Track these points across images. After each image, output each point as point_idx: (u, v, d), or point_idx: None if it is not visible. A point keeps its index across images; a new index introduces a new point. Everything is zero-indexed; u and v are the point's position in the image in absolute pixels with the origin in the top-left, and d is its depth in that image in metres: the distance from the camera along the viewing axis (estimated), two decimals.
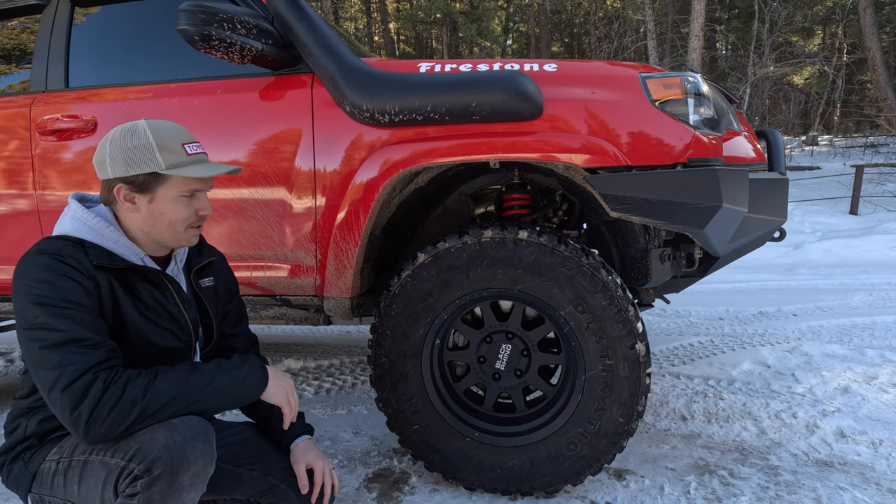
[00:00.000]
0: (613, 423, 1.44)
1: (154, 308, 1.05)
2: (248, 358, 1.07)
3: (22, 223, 1.89)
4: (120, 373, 0.90)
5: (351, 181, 1.54)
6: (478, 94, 1.43)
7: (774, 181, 1.65)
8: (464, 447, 1.55)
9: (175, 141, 1.02)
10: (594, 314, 1.42)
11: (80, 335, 0.89)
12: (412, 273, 1.52)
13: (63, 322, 0.89)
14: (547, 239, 1.44)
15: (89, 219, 1.01)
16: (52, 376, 0.86)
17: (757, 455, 1.73)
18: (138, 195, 1.01)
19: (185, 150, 1.03)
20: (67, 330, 0.89)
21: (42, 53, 1.96)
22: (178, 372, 0.95)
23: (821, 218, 7.55)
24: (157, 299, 1.06)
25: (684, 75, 1.45)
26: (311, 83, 1.63)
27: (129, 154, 0.99)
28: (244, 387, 1.02)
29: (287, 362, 2.93)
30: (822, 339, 2.98)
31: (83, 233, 1.00)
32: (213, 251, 1.26)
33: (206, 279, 1.21)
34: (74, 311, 0.91)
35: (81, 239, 0.99)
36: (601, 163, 1.40)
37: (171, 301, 1.08)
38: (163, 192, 1.01)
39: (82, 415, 0.85)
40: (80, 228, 1.01)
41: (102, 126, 1.78)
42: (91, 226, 1.01)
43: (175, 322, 1.08)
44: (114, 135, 1.01)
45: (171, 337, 1.07)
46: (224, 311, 1.25)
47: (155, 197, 1.02)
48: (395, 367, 1.56)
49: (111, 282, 0.99)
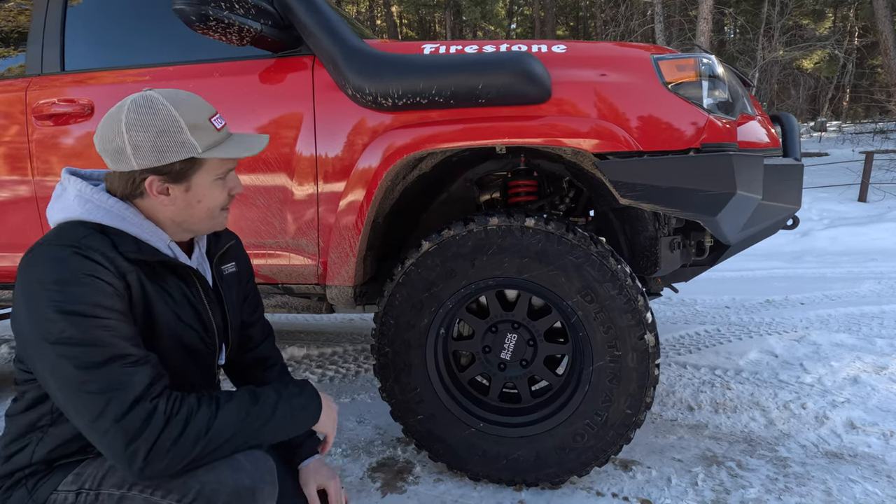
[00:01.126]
0: (621, 415, 1.42)
1: (182, 305, 0.93)
2: (305, 386, 0.99)
3: (20, 209, 1.86)
4: (179, 401, 0.79)
5: (353, 167, 1.50)
6: (484, 76, 1.38)
7: (789, 167, 1.60)
8: (468, 437, 1.53)
9: (202, 116, 0.88)
10: (602, 304, 1.38)
11: (122, 351, 0.77)
12: (416, 261, 1.49)
13: (100, 335, 0.76)
14: (554, 227, 1.40)
15: (104, 199, 0.86)
16: (97, 404, 0.74)
17: (765, 446, 1.71)
18: (173, 185, 0.87)
19: (213, 125, 0.89)
20: (107, 345, 0.76)
21: (37, 35, 1.91)
22: (240, 402, 0.85)
23: (829, 205, 7.46)
24: (186, 295, 0.94)
25: (698, 56, 1.40)
26: (311, 65, 1.58)
27: (157, 139, 0.83)
28: (302, 418, 0.95)
29: (290, 350, 2.92)
30: (831, 328, 2.95)
31: (100, 216, 0.85)
32: (230, 234, 1.15)
33: (229, 265, 1.11)
34: (111, 320, 0.78)
35: (101, 224, 0.85)
36: (611, 148, 1.35)
37: (198, 299, 0.97)
38: (199, 177, 0.89)
39: (139, 451, 0.74)
40: (94, 211, 0.85)
41: (99, 110, 1.74)
42: (108, 208, 0.85)
43: (201, 322, 0.97)
44: (128, 116, 0.83)
45: (197, 339, 0.96)
46: (243, 295, 1.17)
47: (191, 185, 0.89)
48: (399, 356, 1.53)
49: (140, 277, 0.85)
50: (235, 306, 1.10)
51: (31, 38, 1.91)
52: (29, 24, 1.93)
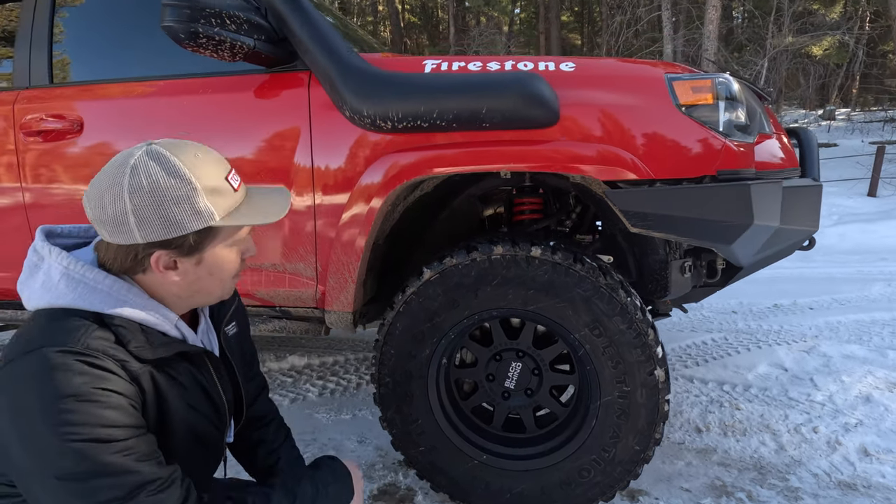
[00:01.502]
0: (629, 451, 1.37)
1: (194, 392, 0.83)
2: (335, 468, 0.95)
3: (11, 227, 1.81)
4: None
5: (351, 192, 1.44)
6: (488, 99, 1.30)
7: (808, 189, 1.53)
8: (471, 470, 1.49)
9: (219, 176, 0.75)
10: (611, 338, 1.33)
11: (148, 476, 0.67)
12: (417, 290, 1.43)
13: (120, 462, 0.65)
14: (562, 257, 1.34)
15: (100, 279, 0.73)
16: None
17: (776, 474, 1.66)
18: (183, 259, 0.76)
19: (230, 185, 0.77)
20: (130, 472, 0.65)
21: (24, 45, 1.84)
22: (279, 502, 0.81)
23: (837, 200, 7.34)
24: (197, 380, 0.84)
25: (715, 77, 1.32)
26: (307, 81, 1.51)
27: (167, 209, 0.71)
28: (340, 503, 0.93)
29: (291, 359, 2.88)
30: (841, 338, 2.89)
31: (97, 302, 0.71)
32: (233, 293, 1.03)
33: (230, 325, 1.00)
34: (130, 440, 0.67)
35: (98, 313, 0.71)
36: (623, 176, 1.28)
37: (210, 381, 0.87)
38: (213, 247, 0.77)
39: None
40: (89, 296, 0.71)
41: (89, 127, 1.68)
42: (107, 291, 0.72)
43: (212, 406, 0.87)
44: (132, 181, 0.70)
45: (208, 424, 0.86)
46: (246, 352, 1.09)
47: (204, 256, 0.77)
48: (400, 387, 1.49)
49: (153, 376, 0.74)
50: (244, 373, 1.02)
51: (18, 47, 1.84)
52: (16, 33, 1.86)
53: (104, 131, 1.67)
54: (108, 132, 1.67)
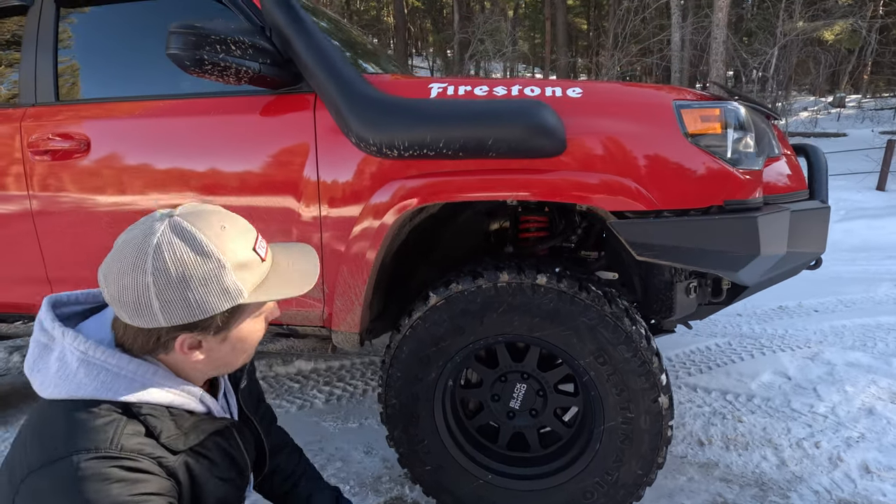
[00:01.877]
0: (632, 475, 1.40)
1: (223, 465, 0.82)
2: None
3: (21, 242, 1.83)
4: None
5: (358, 218, 1.45)
6: (494, 129, 1.30)
7: (815, 213, 1.52)
8: (476, 489, 1.52)
9: (246, 247, 0.71)
10: (616, 366, 1.34)
11: None
12: (423, 316, 1.45)
13: None
14: (567, 285, 1.35)
15: (123, 364, 0.69)
16: None
17: (777, 491, 1.69)
18: (209, 338, 0.72)
19: (258, 255, 0.73)
20: None
21: (29, 61, 1.84)
22: None
23: (845, 194, 7.27)
24: (224, 450, 0.83)
25: (724, 106, 1.31)
26: (313, 104, 1.51)
27: (194, 292, 0.66)
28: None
29: (298, 364, 2.92)
30: (845, 344, 2.89)
31: (121, 391, 0.67)
32: None
33: (243, 377, 0.98)
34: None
35: (126, 403, 0.67)
36: (629, 206, 1.28)
37: (236, 448, 0.86)
38: (245, 324, 0.74)
39: None
40: (112, 384, 0.67)
41: (96, 146, 1.69)
42: (128, 375, 0.68)
43: (237, 470, 0.87)
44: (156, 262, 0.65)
45: (233, 489, 0.85)
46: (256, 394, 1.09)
47: (230, 334, 0.74)
48: (406, 408, 1.51)
49: (188, 464, 0.73)
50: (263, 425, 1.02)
51: (24, 64, 1.84)
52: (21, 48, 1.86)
53: (112, 150, 1.68)
54: (116, 151, 1.68)
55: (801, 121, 14.09)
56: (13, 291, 1.90)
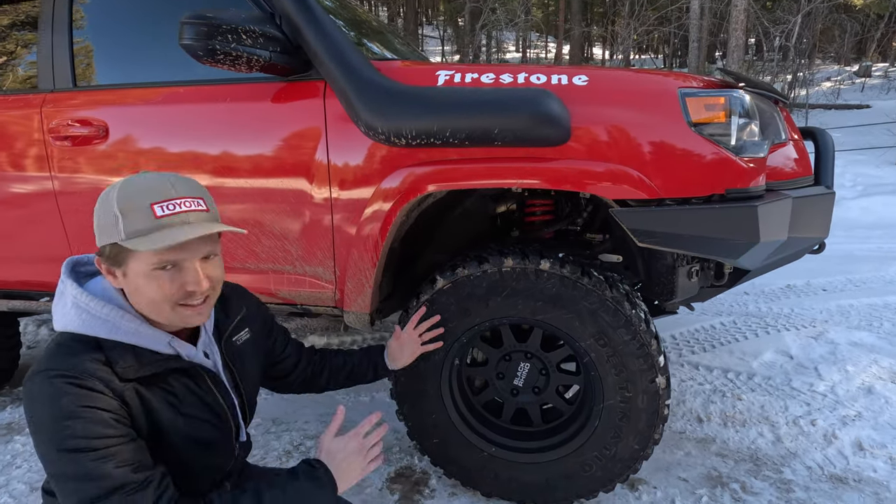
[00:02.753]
0: (629, 450, 1.47)
1: (189, 402, 0.93)
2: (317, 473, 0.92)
3: (46, 225, 1.91)
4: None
5: (367, 204, 1.49)
6: (500, 119, 1.32)
7: (819, 199, 1.53)
8: (481, 461, 1.60)
9: (143, 200, 0.83)
10: (615, 348, 1.40)
11: (123, 480, 0.78)
12: (431, 298, 1.50)
13: (99, 468, 0.77)
14: (570, 271, 1.39)
15: (97, 308, 0.85)
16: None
17: (771, 466, 1.76)
18: (114, 268, 0.86)
19: (153, 211, 0.83)
20: (106, 477, 0.77)
21: (46, 46, 1.88)
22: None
23: (864, 169, 7.11)
24: (193, 391, 0.94)
25: (729, 94, 1.32)
26: (323, 91, 1.54)
27: (98, 221, 0.86)
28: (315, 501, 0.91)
29: (311, 339, 3.01)
30: (850, 323, 2.91)
31: (95, 328, 0.85)
32: (241, 303, 1.12)
33: (241, 333, 1.10)
34: (110, 449, 0.79)
35: (95, 339, 0.85)
36: (632, 195, 1.31)
37: (207, 391, 0.97)
38: (134, 265, 0.85)
39: None
40: (89, 322, 0.85)
41: (114, 132, 1.74)
42: (102, 317, 0.85)
43: (212, 413, 0.97)
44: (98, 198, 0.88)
45: (212, 429, 0.96)
46: (267, 348, 1.20)
47: (127, 271, 0.85)
48: (415, 385, 1.59)
49: (139, 392, 0.86)
50: (252, 377, 1.12)
51: (41, 49, 1.89)
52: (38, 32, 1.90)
53: (130, 136, 1.73)
54: (133, 137, 1.73)
55: (823, 92, 13.64)
56: (40, 270, 1.99)
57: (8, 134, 1.86)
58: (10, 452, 2.01)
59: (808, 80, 12.14)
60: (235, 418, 1.04)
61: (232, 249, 1.71)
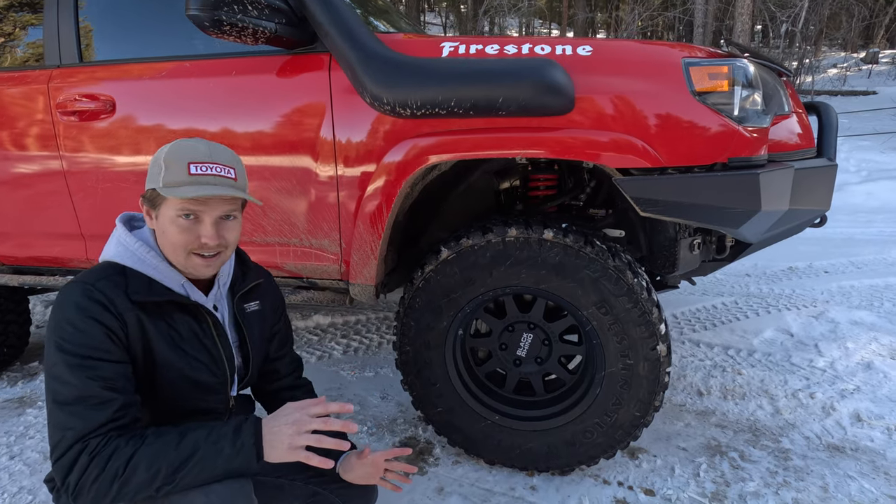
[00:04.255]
0: (630, 417, 1.50)
1: (189, 340, 1.01)
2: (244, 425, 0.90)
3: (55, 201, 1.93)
4: (110, 442, 0.85)
5: (372, 176, 1.51)
6: (504, 88, 1.34)
7: (821, 170, 1.54)
8: (485, 429, 1.64)
9: (182, 158, 0.96)
10: (617, 316, 1.42)
11: (90, 392, 0.85)
12: (435, 268, 1.53)
13: (77, 375, 0.85)
14: (573, 240, 1.41)
15: (131, 243, 0.99)
16: (53, 437, 0.85)
17: (769, 436, 1.79)
18: (151, 210, 1.00)
19: (188, 169, 0.95)
20: (78, 385, 0.85)
21: (51, 21, 1.89)
22: (163, 443, 0.86)
23: (869, 155, 7.08)
24: (194, 331, 1.02)
25: (732, 63, 1.32)
26: (328, 64, 1.55)
27: (150, 168, 0.99)
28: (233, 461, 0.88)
29: (316, 318, 3.06)
30: (851, 303, 2.93)
31: (125, 258, 0.98)
32: (260, 272, 1.21)
33: (252, 303, 1.17)
34: (94, 361, 0.87)
35: (123, 266, 0.98)
36: (635, 164, 1.33)
37: (208, 334, 1.04)
38: (164, 210, 0.97)
39: (69, 486, 0.83)
40: (122, 253, 0.99)
41: (121, 106, 1.75)
42: (132, 251, 0.99)
43: (209, 356, 1.04)
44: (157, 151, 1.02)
45: (205, 371, 1.03)
46: (271, 333, 1.24)
47: (159, 214, 0.98)
48: (420, 355, 1.62)
49: (140, 318, 0.94)
50: (257, 343, 1.16)
51: (47, 23, 1.89)
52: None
53: (136, 110, 1.75)
54: (140, 111, 1.74)
55: (829, 78, 13.52)
56: (51, 247, 2.02)
57: (15, 109, 1.88)
58: (23, 424, 2.05)
59: (815, 67, 12.02)
60: (231, 371, 1.09)
61: None
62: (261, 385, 1.27)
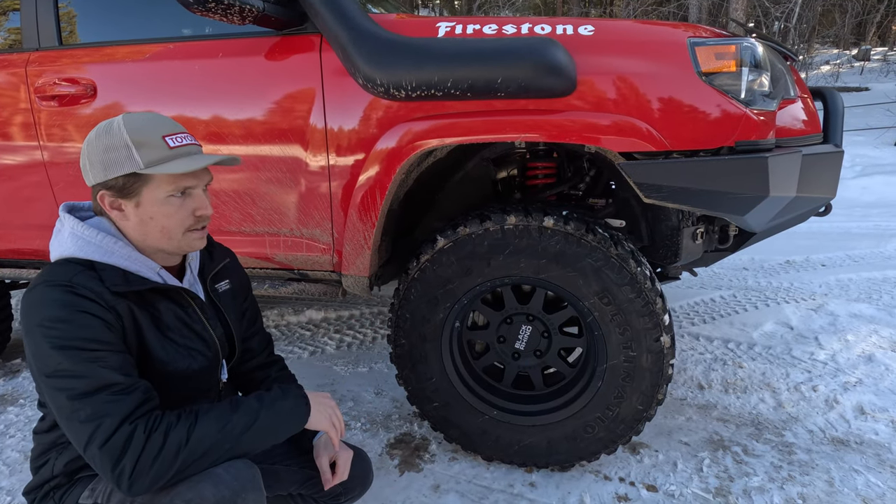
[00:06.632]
0: (632, 410, 1.45)
1: (177, 328, 0.97)
2: (289, 390, 1.00)
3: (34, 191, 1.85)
4: (160, 418, 0.83)
5: (365, 161, 1.45)
6: (503, 68, 1.28)
7: (828, 157, 1.50)
8: (482, 424, 1.58)
9: (154, 133, 0.90)
10: (620, 307, 1.37)
11: (110, 380, 0.82)
12: (432, 258, 1.47)
13: (89, 367, 0.81)
14: (574, 227, 1.36)
15: (92, 235, 0.91)
16: (86, 430, 0.80)
17: (772, 430, 1.75)
18: (124, 201, 0.91)
19: (166, 142, 0.90)
20: (95, 376, 0.81)
21: (30, 4, 1.81)
22: (220, 412, 0.88)
23: (863, 150, 7.07)
24: (181, 318, 0.99)
25: (740, 42, 1.27)
26: (319, 45, 1.48)
27: (104, 156, 0.89)
28: (289, 421, 0.96)
29: (308, 313, 2.99)
30: (850, 296, 2.91)
31: (90, 253, 0.90)
32: (225, 251, 1.18)
33: (223, 282, 1.14)
34: (100, 352, 0.83)
35: (90, 261, 0.90)
36: (639, 147, 1.28)
37: (196, 318, 1.01)
38: (149, 194, 0.90)
39: (125, 470, 0.79)
40: (84, 248, 0.91)
41: (102, 90, 1.68)
42: (96, 243, 0.91)
43: (201, 341, 1.01)
44: (90, 137, 0.92)
45: (199, 356, 1.00)
46: (241, 311, 1.21)
47: (141, 201, 0.91)
48: (415, 348, 1.56)
49: (131, 308, 0.90)
50: (235, 321, 1.14)
51: (24, 7, 1.81)
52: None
53: (118, 95, 1.67)
54: (122, 95, 1.67)
55: (822, 75, 13.55)
56: (32, 239, 1.94)
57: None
58: (3, 423, 1.98)
59: (808, 63, 12.05)
60: (223, 351, 1.07)
61: (227, 213, 1.67)
62: (236, 366, 1.22)
